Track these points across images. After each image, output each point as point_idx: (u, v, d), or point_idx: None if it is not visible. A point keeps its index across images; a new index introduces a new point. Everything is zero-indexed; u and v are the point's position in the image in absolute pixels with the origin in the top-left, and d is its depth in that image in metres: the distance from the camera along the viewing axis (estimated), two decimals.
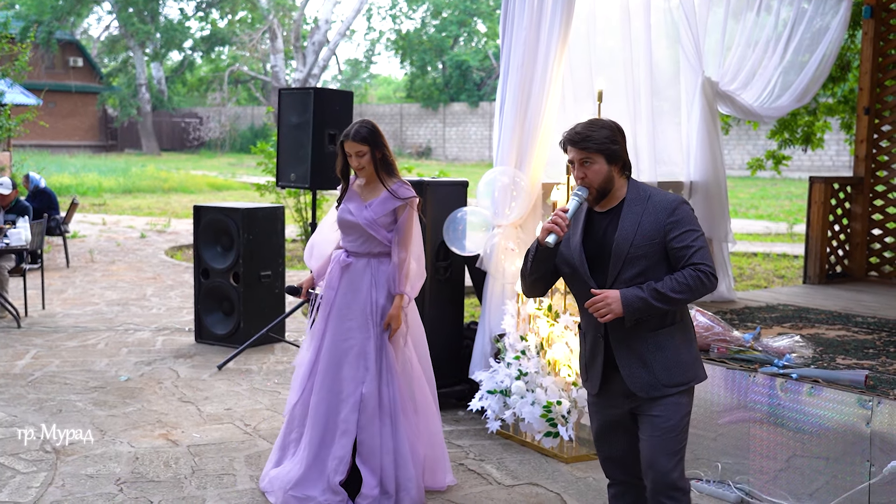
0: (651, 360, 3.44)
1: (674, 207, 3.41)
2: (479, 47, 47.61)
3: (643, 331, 3.43)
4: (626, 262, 3.39)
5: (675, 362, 3.45)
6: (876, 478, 4.24)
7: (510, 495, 4.85)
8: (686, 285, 3.33)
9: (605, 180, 3.45)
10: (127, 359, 7.50)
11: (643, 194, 3.46)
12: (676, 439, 3.45)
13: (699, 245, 3.37)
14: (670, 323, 3.45)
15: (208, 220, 8.16)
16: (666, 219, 3.39)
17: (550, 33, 5.97)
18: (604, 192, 3.47)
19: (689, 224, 3.39)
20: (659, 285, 3.33)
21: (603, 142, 3.43)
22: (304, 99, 7.24)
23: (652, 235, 3.38)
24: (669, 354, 3.44)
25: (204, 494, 4.77)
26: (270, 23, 44.34)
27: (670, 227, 3.38)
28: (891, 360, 5.28)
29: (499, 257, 6.02)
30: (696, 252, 3.35)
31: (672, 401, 3.44)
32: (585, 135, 3.45)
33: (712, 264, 3.36)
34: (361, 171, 4.61)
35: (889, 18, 8.89)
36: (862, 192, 8.93)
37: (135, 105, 46.20)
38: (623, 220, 3.43)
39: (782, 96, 7.91)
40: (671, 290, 3.32)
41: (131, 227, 17.16)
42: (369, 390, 4.59)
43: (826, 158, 30.83)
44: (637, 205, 3.44)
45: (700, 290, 3.35)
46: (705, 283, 3.34)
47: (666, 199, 3.44)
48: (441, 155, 43.45)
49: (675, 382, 3.44)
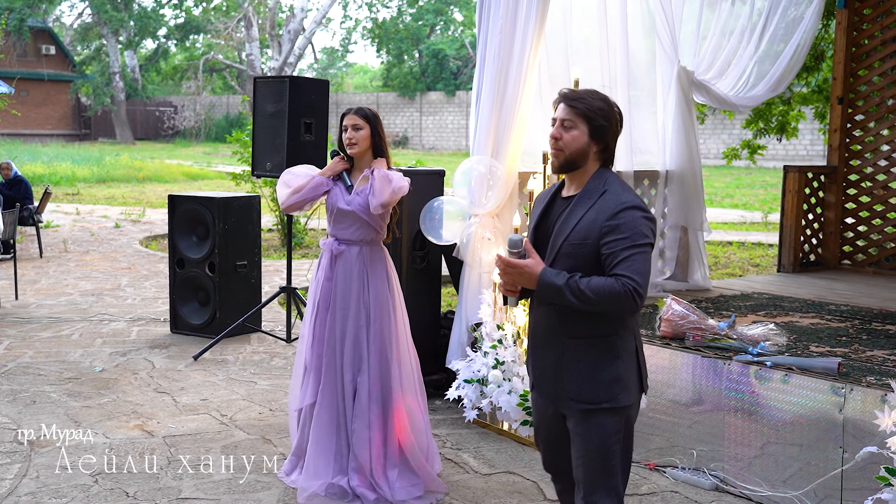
0: (565, 368, 3.19)
1: (617, 210, 3.04)
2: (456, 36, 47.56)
3: (564, 336, 3.18)
4: (557, 258, 3.14)
5: (589, 378, 3.14)
6: (848, 464, 4.28)
7: (487, 484, 4.87)
8: (605, 292, 2.98)
9: (578, 152, 3.15)
10: (101, 349, 7.45)
11: (600, 188, 3.13)
12: (602, 465, 3.19)
13: (629, 255, 3.00)
14: (594, 335, 3.14)
15: (183, 210, 8.11)
16: (605, 220, 3.04)
17: (527, 22, 5.97)
18: (571, 164, 3.17)
19: (628, 231, 3.01)
20: (582, 280, 3.00)
21: (594, 110, 3.13)
22: (279, 88, 7.19)
23: (586, 235, 3.08)
24: (583, 368, 3.15)
25: (180, 485, 4.75)
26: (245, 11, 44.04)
27: (606, 231, 3.03)
28: (863, 348, 5.33)
29: (475, 246, 6.02)
30: (622, 262, 2.99)
31: (595, 420, 3.17)
32: (581, 95, 3.16)
33: (641, 280, 2.98)
34: (353, 147, 4.61)
35: (862, 8, 8.95)
36: (836, 181, 9.01)
37: (108, 93, 45.80)
38: (570, 212, 3.16)
39: (757, 86, 7.95)
40: (589, 289, 2.99)
41: (105, 217, 17.03)
42: (363, 381, 4.59)
43: (800, 148, 31.06)
44: (588, 199, 3.13)
45: (616, 303, 2.99)
46: (624, 299, 2.97)
47: (616, 199, 3.08)
48: (418, 144, 43.40)
49: (583, 398, 3.15)
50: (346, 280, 4.65)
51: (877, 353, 5.19)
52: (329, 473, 4.60)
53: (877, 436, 3.82)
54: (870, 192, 9.04)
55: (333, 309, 4.66)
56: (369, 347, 4.62)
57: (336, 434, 4.63)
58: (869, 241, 9.02)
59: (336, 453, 4.63)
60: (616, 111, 3.20)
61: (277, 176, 7.32)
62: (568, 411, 3.24)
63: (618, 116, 3.20)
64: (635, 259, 3.00)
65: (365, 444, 4.58)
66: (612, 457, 3.20)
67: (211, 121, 46.80)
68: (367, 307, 4.63)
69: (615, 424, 3.19)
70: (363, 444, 4.58)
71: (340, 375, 4.62)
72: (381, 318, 4.65)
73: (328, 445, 4.62)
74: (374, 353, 4.63)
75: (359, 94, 47.56)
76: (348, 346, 4.62)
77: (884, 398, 4.17)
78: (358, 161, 4.69)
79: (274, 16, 44.11)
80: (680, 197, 7.53)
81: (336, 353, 4.64)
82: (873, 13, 8.87)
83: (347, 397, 4.62)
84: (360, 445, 4.58)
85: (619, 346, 3.16)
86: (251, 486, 4.77)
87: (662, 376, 5.10)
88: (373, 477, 4.58)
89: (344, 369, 4.62)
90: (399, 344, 4.74)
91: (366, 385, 4.60)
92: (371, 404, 4.61)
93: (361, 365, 4.61)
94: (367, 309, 4.63)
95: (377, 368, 4.63)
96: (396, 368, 4.70)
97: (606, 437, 3.18)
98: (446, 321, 6.47)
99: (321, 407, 4.64)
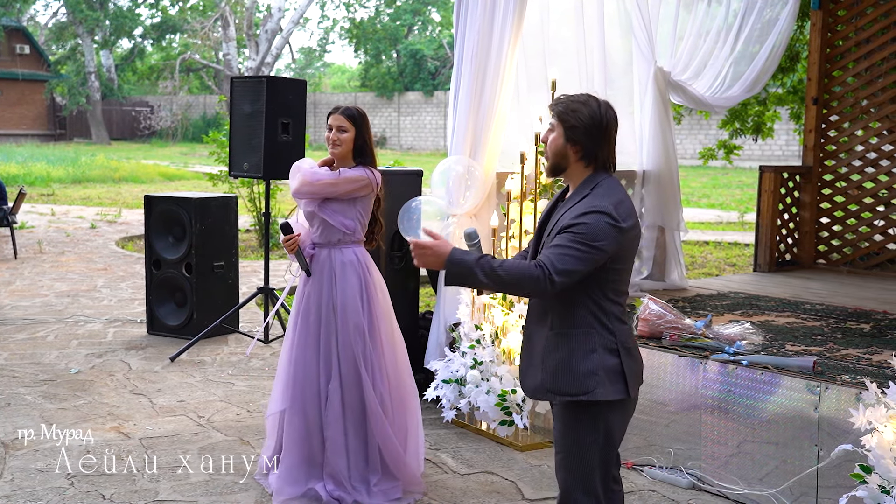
0: (545, 359, 3.21)
1: (584, 212, 3.07)
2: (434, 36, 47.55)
3: (546, 328, 3.22)
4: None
5: (566, 369, 3.15)
6: (824, 462, 4.31)
7: (465, 484, 4.87)
8: (517, 272, 3.02)
9: (556, 154, 3.20)
10: (77, 351, 7.40)
11: (585, 191, 3.15)
12: (576, 463, 3.20)
13: (563, 245, 3.02)
14: (572, 327, 3.16)
15: (160, 211, 8.06)
16: (571, 219, 3.08)
17: (504, 22, 5.98)
18: (555, 167, 3.23)
19: (582, 229, 3.03)
20: (497, 261, 3.05)
21: (568, 113, 3.16)
22: (256, 87, 7.17)
23: (559, 232, 3.11)
24: (561, 357, 3.17)
25: (157, 487, 4.73)
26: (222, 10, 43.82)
27: (567, 227, 3.07)
28: (838, 347, 5.38)
29: None
30: (553, 248, 3.04)
31: (569, 416, 3.20)
32: (559, 99, 3.22)
33: (560, 267, 2.99)
34: (336, 149, 4.58)
35: (837, 10, 9.03)
36: (810, 181, 9.08)
37: (84, 93, 45.44)
38: (556, 213, 3.22)
39: (733, 86, 8.00)
40: (502, 270, 3.03)
41: (81, 218, 16.90)
42: (335, 387, 4.56)
43: (776, 148, 31.26)
44: (572, 200, 3.17)
45: (529, 285, 3.02)
46: (536, 280, 3.00)
47: (591, 202, 3.09)
48: (396, 144, 43.36)
49: (560, 390, 3.17)
50: (317, 284, 4.63)
51: (851, 352, 5.24)
52: (303, 479, 4.58)
53: (852, 433, 3.85)
54: (844, 192, 9.12)
55: (307, 313, 4.64)
56: (339, 354, 4.57)
57: (308, 440, 4.60)
58: (843, 241, 9.10)
59: (309, 459, 4.60)
60: (598, 112, 3.18)
61: (254, 176, 7.33)
62: (550, 404, 3.28)
63: (598, 118, 3.18)
64: (567, 251, 3.02)
65: (341, 451, 4.55)
66: (588, 454, 3.20)
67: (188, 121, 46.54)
68: (336, 312, 4.58)
69: (591, 421, 3.18)
70: (339, 452, 4.55)
71: (315, 381, 4.59)
72: (350, 324, 4.57)
73: (301, 451, 4.59)
74: (344, 360, 4.57)
75: (336, 95, 47.46)
76: (322, 353, 4.59)
77: (858, 396, 4.20)
78: (339, 162, 4.66)
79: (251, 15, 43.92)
80: (657, 197, 7.57)
81: (309, 359, 4.60)
82: (847, 14, 8.95)
83: (321, 403, 4.59)
84: (335, 453, 4.55)
85: (597, 340, 3.16)
86: (228, 488, 4.75)
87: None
88: (350, 482, 4.55)
89: (320, 375, 4.59)
90: (378, 349, 4.68)
91: (337, 392, 4.55)
92: (346, 411, 4.57)
93: (331, 372, 4.57)
94: (335, 314, 4.58)
95: (348, 375, 4.57)
96: (374, 374, 4.63)
97: (583, 435, 3.19)
98: (424, 321, 6.47)
99: (292, 413, 4.61)
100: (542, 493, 4.75)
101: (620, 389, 3.19)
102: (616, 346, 3.19)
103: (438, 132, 41.87)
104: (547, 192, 5.89)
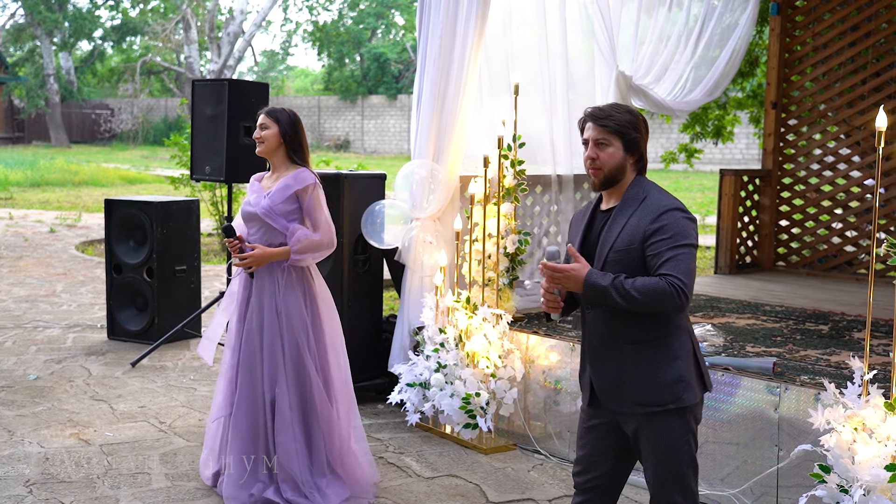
0: (625, 374, 3.24)
1: (659, 213, 3.13)
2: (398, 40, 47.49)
3: (621, 342, 3.24)
4: (604, 266, 3.20)
5: (651, 380, 3.20)
6: (784, 462, 4.36)
7: (430, 487, 4.87)
8: (651, 290, 3.04)
9: (616, 167, 3.22)
10: (36, 357, 7.30)
11: (641, 195, 3.21)
12: (673, 467, 3.24)
13: (673, 255, 3.07)
14: (651, 338, 3.21)
15: (120, 215, 7.98)
16: (648, 224, 3.12)
17: (467, 26, 5.99)
18: (611, 180, 3.24)
19: (671, 231, 3.09)
20: (627, 280, 3.08)
21: (624, 125, 3.21)
22: (218, 91, 7.12)
23: (630, 241, 3.15)
24: (645, 370, 3.21)
25: (118, 494, 4.67)
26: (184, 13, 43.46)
27: (650, 234, 3.12)
28: (797, 348, 5.45)
29: (417, 250, 6.02)
30: (667, 261, 3.06)
31: (662, 423, 3.22)
32: (608, 113, 3.24)
33: (686, 279, 3.05)
34: (260, 145, 4.59)
35: (795, 15, 9.15)
36: (770, 184, 9.19)
37: (43, 96, 44.82)
38: (612, 221, 3.23)
39: (694, 90, 8.08)
40: (634, 289, 3.06)
41: (40, 222, 16.67)
42: (282, 391, 4.52)
43: (736, 152, 31.60)
44: (630, 206, 3.21)
45: (664, 301, 3.05)
46: (671, 296, 3.03)
47: (658, 203, 3.16)
48: (360, 148, 43.25)
49: (648, 402, 3.21)
50: (259, 290, 4.58)
51: (810, 353, 5.30)
52: (253, 483, 4.55)
53: (811, 433, 3.90)
54: (803, 195, 9.24)
55: (250, 318, 4.59)
56: (285, 358, 4.54)
57: (255, 444, 4.57)
58: (802, 243, 9.22)
59: (256, 463, 4.57)
60: (642, 119, 3.28)
61: (216, 180, 7.28)
62: (631, 417, 3.27)
63: (645, 123, 3.29)
64: (680, 259, 3.08)
65: (292, 455, 4.52)
66: (682, 457, 3.25)
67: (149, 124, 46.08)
68: (280, 317, 4.54)
69: (683, 426, 3.25)
70: (291, 457, 4.52)
71: (261, 385, 4.55)
72: (295, 329, 4.55)
73: (247, 454, 4.56)
74: (289, 364, 4.54)
75: (300, 98, 47.23)
76: (266, 356, 4.55)
77: (817, 397, 4.26)
78: (273, 164, 4.65)
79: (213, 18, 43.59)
80: None
81: (255, 364, 4.56)
82: (805, 20, 9.08)
83: (267, 407, 4.55)
84: (287, 457, 4.52)
85: (677, 346, 3.23)
86: (190, 494, 4.71)
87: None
88: (304, 486, 4.53)
89: (264, 379, 4.55)
90: (322, 353, 4.65)
91: (285, 397, 4.52)
92: (293, 416, 4.55)
93: (278, 376, 4.54)
94: (279, 318, 4.54)
95: (294, 379, 4.55)
96: (319, 378, 4.61)
97: (676, 439, 3.24)
98: (388, 325, 6.46)
99: (238, 417, 4.57)
100: (506, 496, 4.76)
101: (701, 387, 3.30)
102: (692, 345, 3.28)
103: (402, 135, 41.83)
104: (510, 195, 5.91)
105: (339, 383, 4.72)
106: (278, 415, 4.52)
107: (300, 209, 4.57)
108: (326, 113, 44.53)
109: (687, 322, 3.29)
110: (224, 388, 4.67)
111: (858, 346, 5.54)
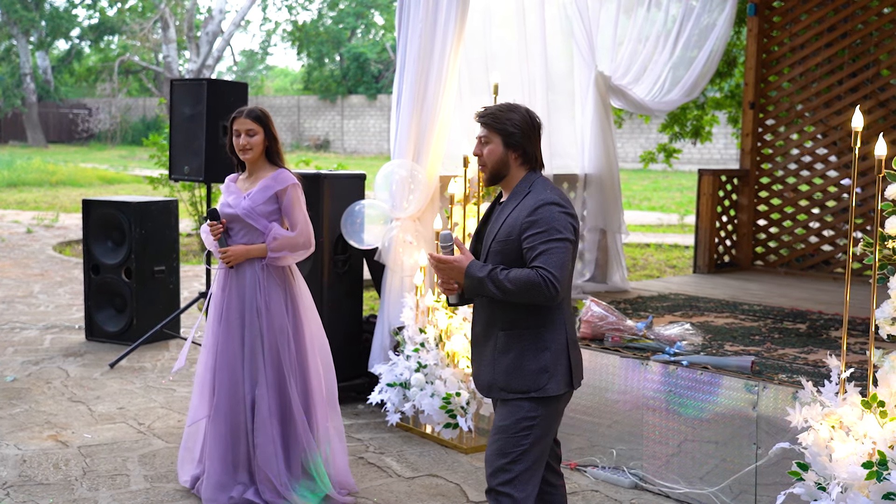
0: (496, 360, 3.34)
1: (536, 206, 3.23)
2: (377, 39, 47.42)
3: (497, 329, 3.34)
4: (488, 256, 3.33)
5: (517, 367, 3.30)
6: (762, 460, 4.39)
7: (410, 487, 4.87)
8: (523, 282, 3.14)
9: (498, 163, 3.36)
10: (13, 358, 7.24)
11: (525, 190, 3.33)
12: (508, 441, 3.28)
13: (546, 248, 3.16)
14: (524, 327, 3.30)
15: (98, 215, 7.93)
16: (525, 217, 3.23)
17: (446, 26, 6.00)
18: (496, 175, 3.39)
19: (545, 225, 3.19)
20: (503, 272, 3.18)
21: (504, 122, 3.35)
22: (197, 90, 7.09)
23: (509, 233, 3.27)
24: (512, 358, 3.30)
25: (96, 496, 4.65)
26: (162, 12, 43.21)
27: (526, 226, 3.22)
28: (775, 346, 5.48)
29: (397, 250, 6.02)
30: (540, 255, 3.16)
31: (514, 404, 3.31)
32: (491, 111, 3.40)
33: (557, 272, 3.14)
34: (248, 153, 4.52)
35: (772, 16, 9.21)
36: (748, 183, 9.25)
37: (19, 95, 44.44)
38: (499, 214, 3.37)
39: (672, 91, 8.12)
40: (508, 280, 3.16)
41: (17, 223, 16.53)
42: (262, 393, 4.51)
43: (714, 151, 31.75)
44: (514, 200, 3.33)
45: (535, 292, 3.14)
46: (540, 288, 3.12)
47: (536, 197, 3.27)
48: (339, 147, 43.16)
49: (512, 388, 3.30)
50: (238, 290, 4.56)
51: (788, 352, 5.35)
52: (233, 485, 4.53)
53: (789, 432, 3.93)
54: (780, 195, 9.31)
55: (228, 320, 4.56)
56: (264, 359, 4.53)
57: (234, 445, 4.55)
58: (780, 243, 9.29)
59: (234, 464, 4.55)
60: (527, 115, 3.39)
61: (195, 180, 7.25)
62: (500, 403, 3.38)
63: (529, 121, 3.39)
64: (552, 252, 3.17)
65: (271, 457, 4.51)
66: (523, 439, 3.29)
67: (127, 123, 45.78)
68: (261, 318, 4.53)
69: (533, 409, 3.29)
70: (269, 458, 4.51)
71: (241, 385, 4.53)
72: (275, 330, 4.53)
73: (226, 457, 4.54)
74: (269, 365, 4.53)
75: (279, 98, 47.09)
76: (247, 356, 4.53)
77: (795, 395, 4.30)
78: (251, 166, 4.62)
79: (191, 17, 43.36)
80: (598, 200, 7.65)
81: (234, 365, 4.54)
82: (782, 21, 9.14)
83: (247, 408, 4.54)
84: (266, 459, 4.51)
85: (549, 338, 3.31)
86: (170, 496, 4.68)
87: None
88: (281, 487, 4.52)
89: (245, 380, 4.54)
90: (302, 354, 4.64)
91: (265, 398, 4.51)
92: (271, 418, 4.53)
93: (258, 377, 4.53)
94: (260, 318, 4.52)
95: (274, 381, 4.54)
96: (297, 380, 4.59)
97: (521, 419, 3.29)
98: (368, 325, 6.45)
99: (217, 419, 4.55)
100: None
101: (567, 381, 3.35)
102: (566, 340, 3.34)
103: (382, 135, 41.78)
104: (490, 194, 5.92)
105: (317, 384, 4.70)
106: (258, 416, 4.51)
107: (280, 209, 4.56)
108: (306, 113, 44.40)
109: (567, 316, 3.36)
110: (200, 391, 4.65)
111: (836, 344, 5.59)
